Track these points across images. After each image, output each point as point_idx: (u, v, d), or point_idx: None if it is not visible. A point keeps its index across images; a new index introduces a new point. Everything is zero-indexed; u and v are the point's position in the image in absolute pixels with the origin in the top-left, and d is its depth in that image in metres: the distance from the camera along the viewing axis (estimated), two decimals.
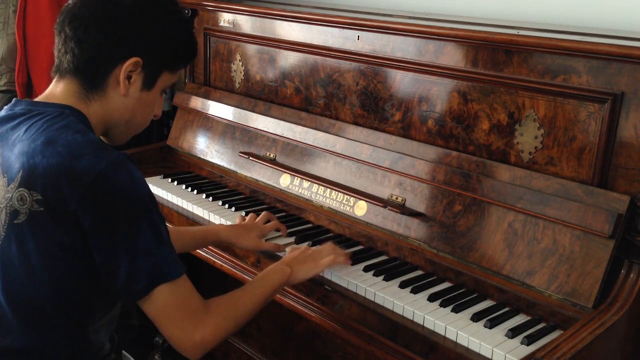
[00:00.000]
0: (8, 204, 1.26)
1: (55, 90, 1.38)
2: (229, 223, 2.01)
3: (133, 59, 1.34)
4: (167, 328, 1.30)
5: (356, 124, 2.04)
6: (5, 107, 1.39)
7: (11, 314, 1.29)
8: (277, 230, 1.94)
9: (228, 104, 2.43)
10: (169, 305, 1.29)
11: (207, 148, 2.46)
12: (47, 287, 1.28)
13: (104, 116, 1.39)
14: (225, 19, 2.46)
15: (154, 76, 1.40)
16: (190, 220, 2.11)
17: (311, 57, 2.17)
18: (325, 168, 2.05)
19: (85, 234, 1.23)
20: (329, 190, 2.00)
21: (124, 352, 1.70)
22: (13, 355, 1.31)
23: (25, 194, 1.24)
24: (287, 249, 1.78)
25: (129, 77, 1.36)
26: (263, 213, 1.97)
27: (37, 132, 1.28)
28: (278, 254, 1.84)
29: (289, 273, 1.57)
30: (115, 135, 1.45)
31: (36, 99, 1.39)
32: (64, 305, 1.31)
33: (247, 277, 1.89)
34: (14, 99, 1.41)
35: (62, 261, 1.26)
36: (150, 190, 1.30)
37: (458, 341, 1.46)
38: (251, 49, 2.40)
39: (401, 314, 1.56)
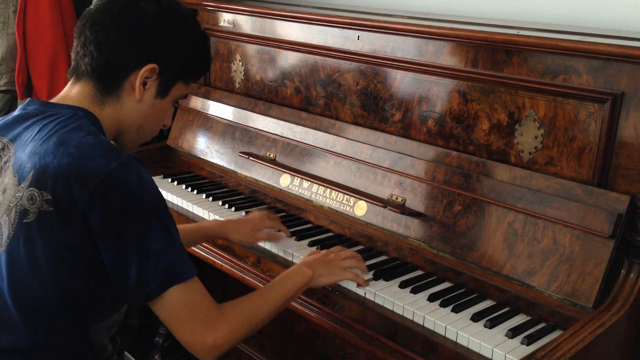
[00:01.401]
0: (18, 203, 1.27)
1: (71, 92, 1.39)
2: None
3: (150, 66, 1.36)
4: (178, 331, 1.29)
5: (356, 124, 2.04)
6: (19, 107, 1.41)
7: (16, 313, 1.30)
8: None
9: (228, 104, 2.43)
10: (181, 308, 1.27)
11: (207, 148, 2.46)
12: (52, 287, 1.28)
13: (116, 121, 1.40)
14: (225, 19, 2.46)
15: (169, 85, 1.42)
16: (191, 220, 2.11)
17: (311, 57, 2.17)
18: (325, 168, 2.05)
19: (93, 235, 1.24)
20: (329, 190, 2.00)
21: (125, 352, 1.70)
22: (16, 355, 1.31)
23: (36, 194, 1.25)
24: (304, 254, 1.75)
25: (144, 83, 1.38)
26: (261, 212, 1.94)
27: (49, 133, 1.29)
28: (281, 255, 1.84)
29: (310, 275, 1.53)
30: (125, 141, 1.46)
31: (51, 100, 1.41)
32: (69, 306, 1.31)
33: (247, 277, 1.89)
34: (28, 99, 1.42)
35: (68, 262, 1.26)
36: (159, 192, 1.30)
37: (458, 341, 1.46)
38: (251, 49, 2.40)
39: (401, 314, 1.56)
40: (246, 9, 2.34)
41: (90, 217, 1.22)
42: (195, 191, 2.29)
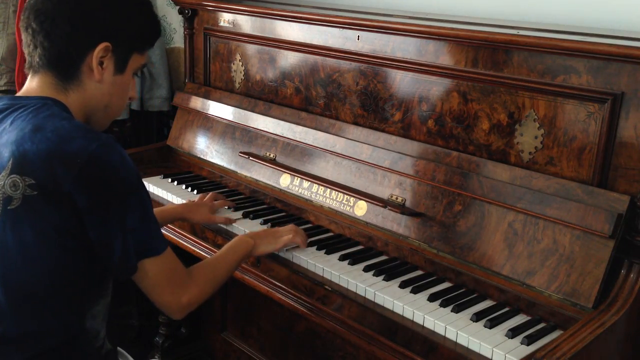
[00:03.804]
0: (0, 191, 1.28)
1: (32, 85, 1.41)
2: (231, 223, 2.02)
3: (102, 45, 1.37)
4: (159, 295, 1.41)
5: (356, 124, 2.04)
6: None
7: (5, 302, 1.31)
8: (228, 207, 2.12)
9: (228, 104, 2.43)
10: (160, 276, 1.39)
11: (207, 148, 2.46)
12: (42, 270, 1.30)
13: (83, 105, 1.42)
14: (225, 19, 2.46)
15: (125, 59, 1.44)
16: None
17: (311, 57, 2.17)
18: (325, 168, 2.05)
19: (80, 214, 1.27)
20: (329, 190, 2.00)
21: (123, 351, 1.70)
22: (5, 344, 1.32)
23: (18, 180, 1.27)
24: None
25: (101, 63, 1.39)
26: (210, 193, 2.12)
27: (23, 122, 1.31)
28: (281, 255, 1.85)
29: (252, 245, 1.72)
30: (96, 122, 1.47)
31: (15, 95, 1.42)
32: (60, 289, 1.33)
33: (247, 277, 1.89)
34: None
35: (57, 243, 1.29)
36: (138, 170, 1.35)
37: (458, 341, 1.46)
38: (251, 49, 2.40)
39: (401, 314, 1.56)
40: (246, 9, 2.34)
41: (76, 197, 1.26)
42: (195, 191, 2.28)
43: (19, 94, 1.42)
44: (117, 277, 1.44)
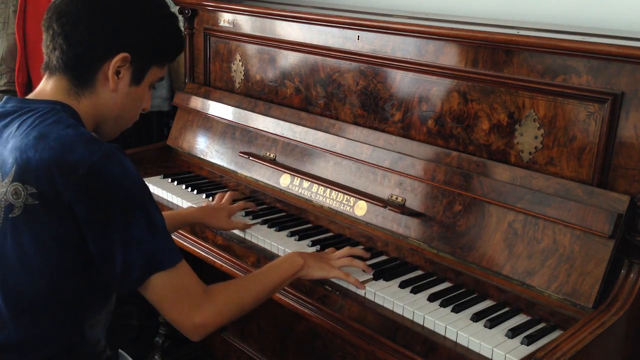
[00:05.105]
0: (3, 199, 1.28)
1: (46, 87, 1.39)
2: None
3: (121, 55, 1.36)
4: (167, 312, 1.33)
5: (356, 124, 2.04)
6: None
7: (6, 309, 1.31)
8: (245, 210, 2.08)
9: (228, 104, 2.43)
10: (168, 291, 1.31)
11: (207, 148, 2.46)
12: (42, 279, 1.29)
13: (94, 112, 1.40)
14: (225, 19, 2.46)
15: (142, 71, 1.42)
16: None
17: (311, 57, 2.17)
18: (325, 168, 2.05)
19: (80, 225, 1.25)
20: (329, 190, 2.00)
21: (123, 352, 1.70)
22: (7, 351, 1.32)
23: (20, 188, 1.26)
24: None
25: (117, 73, 1.37)
26: (228, 193, 2.07)
27: (29, 128, 1.29)
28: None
29: (301, 264, 1.58)
30: (105, 131, 1.46)
31: (27, 97, 1.41)
32: (60, 298, 1.32)
33: None
34: (5, 97, 1.41)
35: (57, 253, 1.28)
36: (142, 180, 1.32)
37: (458, 341, 1.46)
38: (251, 49, 2.40)
39: (401, 314, 1.56)
40: (246, 9, 2.34)
41: (75, 208, 1.23)
42: (195, 191, 2.29)
43: (31, 95, 1.40)
44: (118, 292, 1.42)
